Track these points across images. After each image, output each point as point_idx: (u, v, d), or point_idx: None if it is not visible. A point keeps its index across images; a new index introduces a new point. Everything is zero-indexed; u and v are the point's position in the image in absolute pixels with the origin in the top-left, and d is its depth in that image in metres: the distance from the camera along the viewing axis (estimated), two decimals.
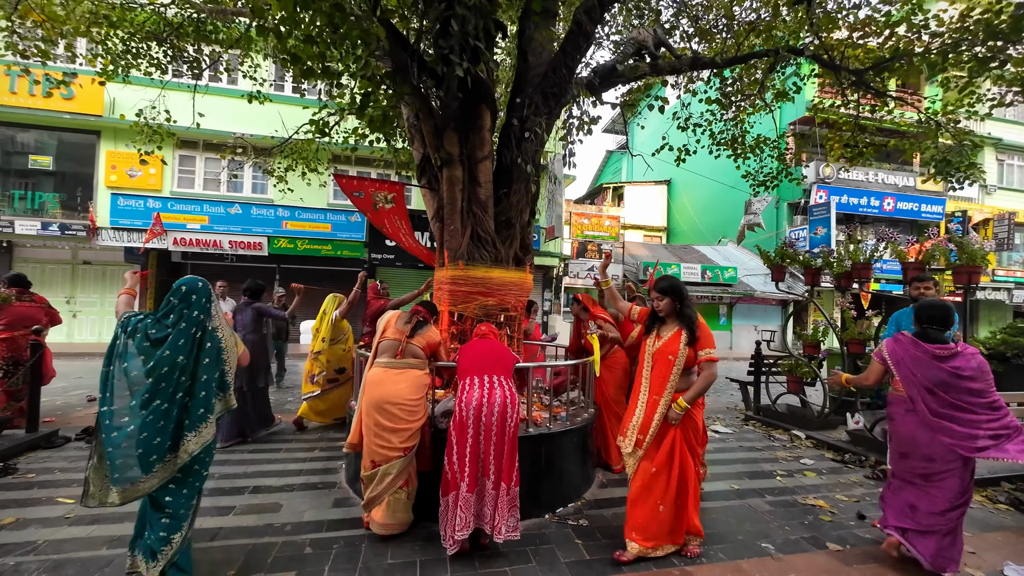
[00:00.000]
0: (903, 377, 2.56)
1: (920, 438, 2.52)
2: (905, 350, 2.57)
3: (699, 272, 14.93)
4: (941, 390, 2.44)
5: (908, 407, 2.56)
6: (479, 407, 2.56)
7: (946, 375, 2.43)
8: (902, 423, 2.61)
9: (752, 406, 5.98)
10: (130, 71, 6.55)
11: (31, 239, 11.13)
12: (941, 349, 2.48)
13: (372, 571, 2.39)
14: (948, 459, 2.44)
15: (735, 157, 7.56)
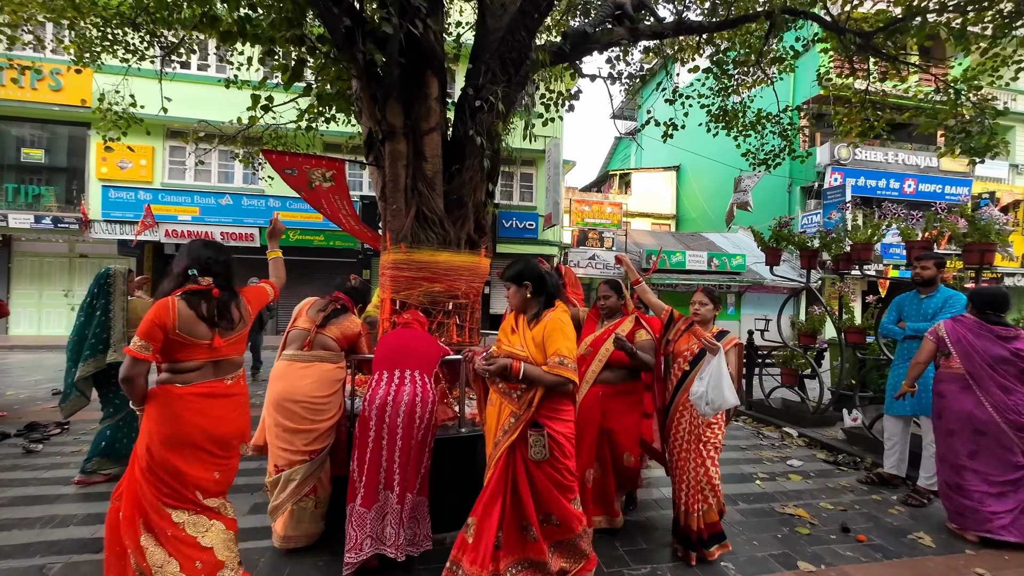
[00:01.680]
0: (963, 354, 2.75)
1: (977, 415, 2.71)
2: (968, 329, 2.78)
3: (705, 260, 14.34)
4: (1000, 368, 2.67)
5: (964, 384, 2.75)
6: (383, 405, 2.23)
7: (1008, 354, 2.66)
8: (956, 400, 2.77)
9: (743, 400, 5.55)
10: (101, 58, 6.29)
11: (26, 232, 11.17)
12: (1004, 330, 2.70)
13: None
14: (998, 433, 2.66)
15: (735, 134, 7.05)
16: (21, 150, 11.41)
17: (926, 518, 2.97)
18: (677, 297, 14.74)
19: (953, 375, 2.79)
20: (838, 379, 4.77)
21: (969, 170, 15.07)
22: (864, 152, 14.62)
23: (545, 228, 13.11)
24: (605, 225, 14.53)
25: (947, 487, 2.84)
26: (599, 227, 14.53)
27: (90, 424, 4.46)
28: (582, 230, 14.38)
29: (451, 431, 2.74)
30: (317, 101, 4.50)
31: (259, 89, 4.21)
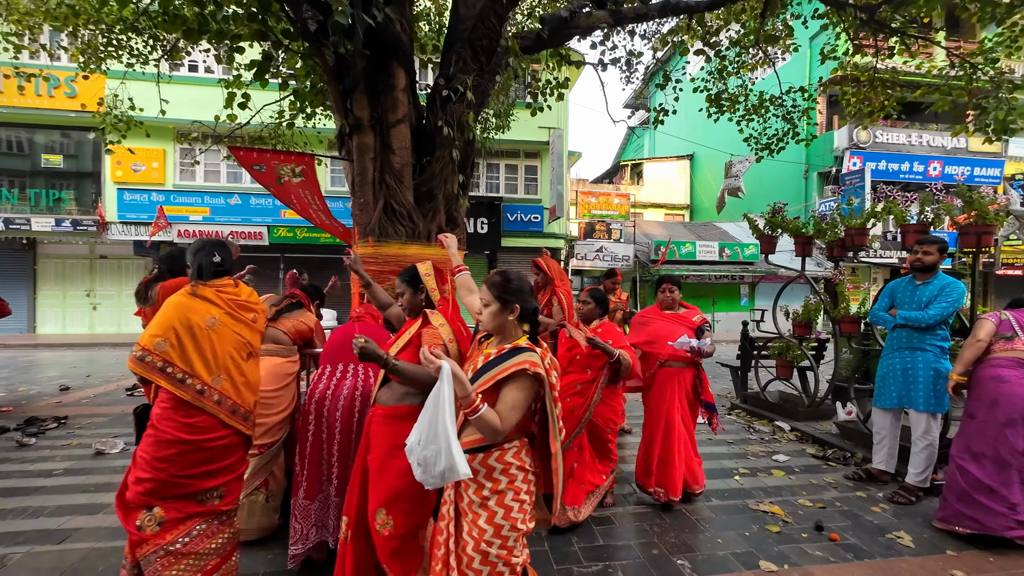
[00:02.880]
0: None
1: None
2: None
3: (716, 250, 13.98)
4: None
5: None
6: (321, 400, 2.21)
7: None
8: (1019, 384, 2.55)
9: (739, 393, 5.38)
10: (108, 63, 6.39)
11: (48, 235, 11.63)
12: None
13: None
14: None
15: (737, 119, 6.80)
16: (42, 156, 11.88)
17: (910, 516, 2.81)
18: (687, 288, 14.44)
19: (1015, 360, 2.59)
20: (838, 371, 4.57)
21: (1001, 150, 14.26)
22: (885, 134, 13.99)
23: (550, 221, 12.99)
24: (613, 217, 14.31)
25: (971, 487, 2.52)
26: (607, 219, 14.31)
27: (88, 418, 4.62)
28: (589, 222, 14.18)
29: None
30: (295, 98, 4.51)
31: (234, 87, 4.23)
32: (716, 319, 14.46)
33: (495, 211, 12.62)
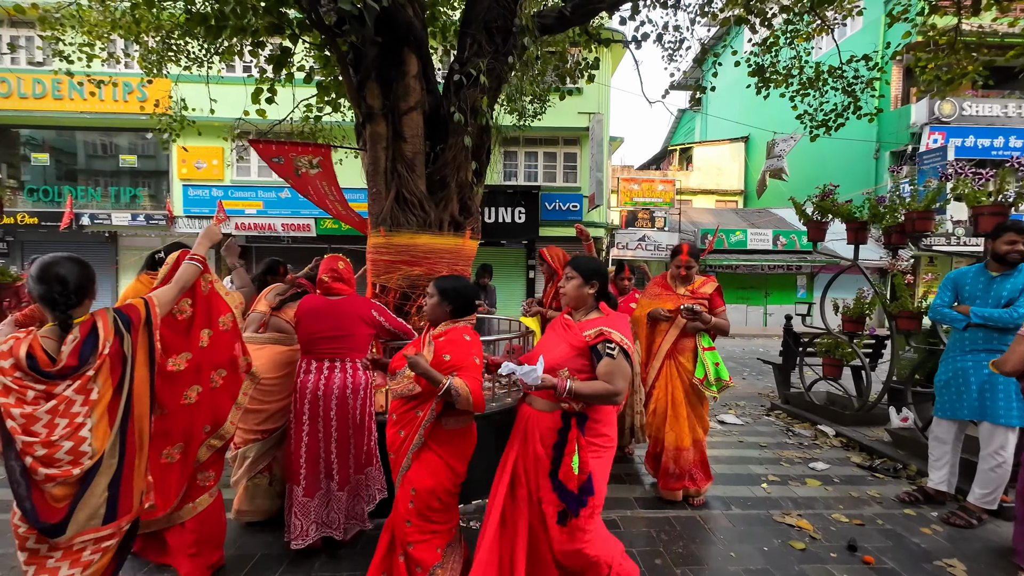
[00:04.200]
0: None
1: None
2: None
3: (770, 238, 13.06)
4: None
5: None
6: (315, 397, 2.23)
7: None
8: None
9: (780, 393, 4.98)
10: (166, 67, 6.79)
11: (126, 229, 12.78)
12: None
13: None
14: None
15: (791, 94, 6.22)
16: (120, 157, 13.03)
17: (967, 542, 2.45)
18: (736, 279, 13.64)
19: None
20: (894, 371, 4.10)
21: None
22: (974, 106, 12.37)
23: (590, 209, 12.64)
24: (656, 204, 13.70)
25: None
26: (650, 206, 13.74)
27: None
28: (631, 210, 13.68)
29: None
30: (318, 90, 4.59)
31: (260, 83, 4.36)
32: (769, 312, 13.56)
33: (533, 200, 12.42)
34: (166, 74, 6.88)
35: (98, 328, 1.50)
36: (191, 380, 1.96)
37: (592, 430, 1.68)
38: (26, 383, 1.38)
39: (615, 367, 1.61)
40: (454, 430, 1.84)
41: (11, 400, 1.36)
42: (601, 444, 1.71)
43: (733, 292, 13.69)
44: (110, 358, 1.50)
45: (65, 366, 1.41)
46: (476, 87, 3.64)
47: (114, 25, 6.35)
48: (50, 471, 1.37)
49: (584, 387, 1.62)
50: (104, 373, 1.49)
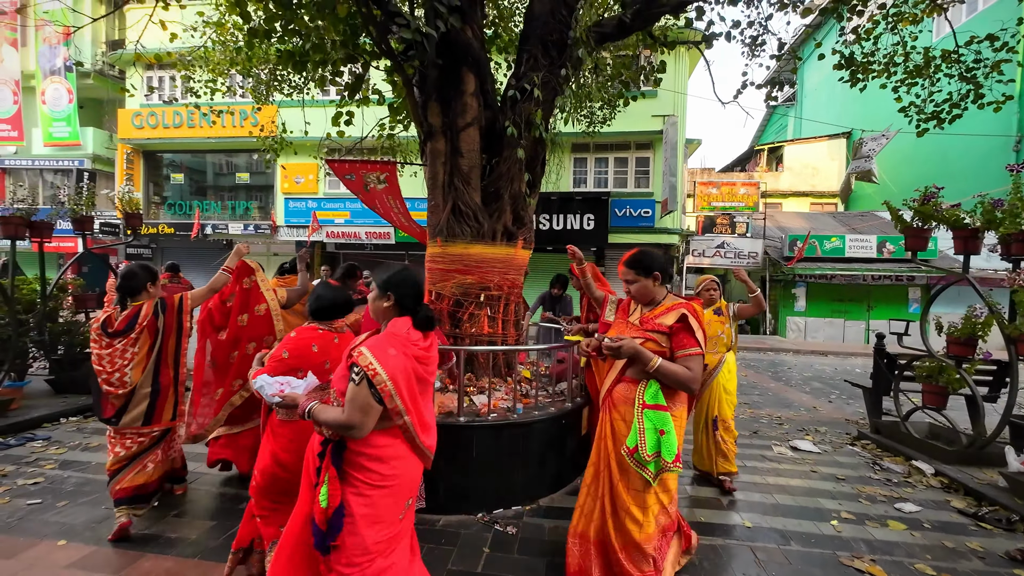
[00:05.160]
0: None
1: None
2: None
3: (874, 245, 11.62)
4: None
5: None
6: None
7: None
8: None
9: (870, 422, 4.42)
10: (272, 95, 7.75)
11: (239, 237, 14.61)
12: None
13: None
14: None
15: (895, 83, 5.56)
16: (235, 174, 14.97)
17: None
18: (832, 290, 12.31)
19: None
20: (1014, 404, 3.48)
21: None
22: None
23: (662, 215, 12.15)
24: (738, 208, 12.82)
25: None
26: (730, 211, 12.88)
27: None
28: (708, 216, 12.93)
29: (450, 419, 2.82)
30: (389, 111, 4.96)
31: (340, 107, 4.82)
32: (872, 328, 12.03)
33: (602, 206, 12.23)
34: (272, 101, 7.81)
35: (141, 309, 2.51)
36: (232, 348, 2.95)
37: (354, 463, 1.43)
38: (100, 336, 2.47)
39: (353, 394, 1.39)
40: (283, 422, 1.91)
41: (95, 347, 2.47)
42: (367, 481, 1.43)
43: (827, 305, 12.36)
44: (147, 329, 2.50)
45: (116, 329, 2.48)
46: (530, 101, 3.73)
47: (232, 62, 7.35)
48: (107, 388, 2.45)
49: (321, 412, 1.44)
50: (143, 338, 2.50)
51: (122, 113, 14.22)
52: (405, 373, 1.44)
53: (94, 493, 2.90)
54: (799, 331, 12.37)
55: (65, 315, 5.22)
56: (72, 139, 14.71)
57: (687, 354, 1.86)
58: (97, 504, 2.76)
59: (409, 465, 1.51)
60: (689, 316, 1.88)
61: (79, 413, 4.38)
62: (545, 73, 3.77)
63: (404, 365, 1.44)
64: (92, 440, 3.78)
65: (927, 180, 4.07)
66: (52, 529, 2.49)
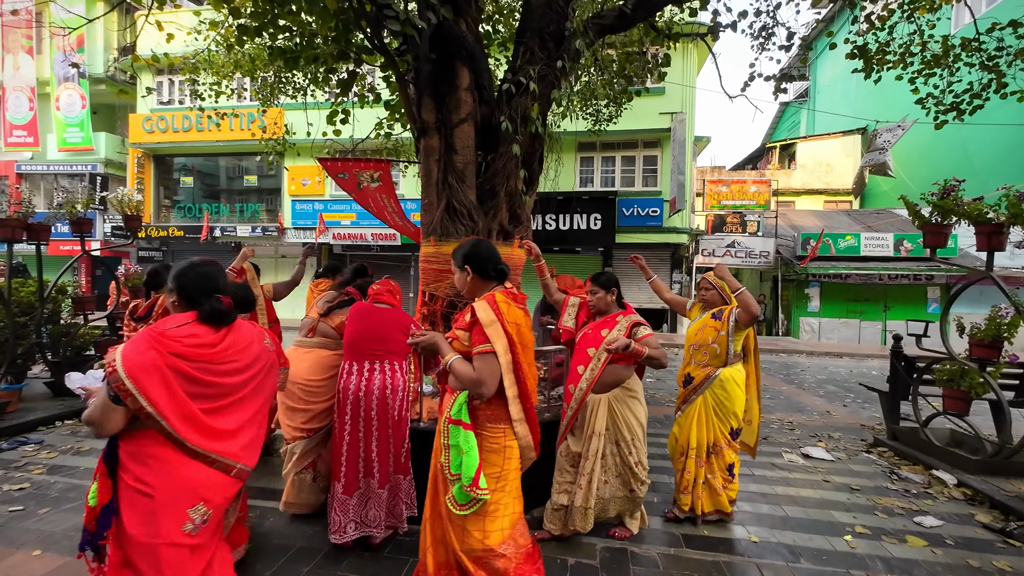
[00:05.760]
0: None
1: None
2: None
3: (890, 243, 11.28)
4: None
5: None
6: (356, 398, 2.34)
7: None
8: None
9: (887, 427, 4.21)
10: (277, 98, 7.72)
11: (247, 240, 14.71)
12: None
13: (260, 544, 2.40)
14: None
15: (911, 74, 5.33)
16: (243, 177, 15.08)
17: None
18: (847, 290, 11.98)
19: None
20: None
21: None
22: None
23: (671, 214, 11.94)
24: (748, 207, 12.55)
25: None
26: (741, 209, 12.62)
27: None
28: (718, 214, 12.68)
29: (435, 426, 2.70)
30: (386, 109, 4.87)
31: (337, 105, 4.74)
32: (889, 329, 11.67)
33: (609, 206, 12.06)
34: (275, 104, 7.80)
35: (158, 301, 2.93)
36: None
37: (121, 462, 1.36)
38: (129, 321, 3.23)
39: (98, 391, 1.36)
40: None
41: (126, 331, 3.31)
42: (128, 481, 1.34)
43: (842, 305, 12.02)
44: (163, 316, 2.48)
45: (139, 315, 3.04)
46: (526, 95, 3.61)
47: (236, 65, 7.33)
48: None
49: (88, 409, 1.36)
50: None
51: (133, 118, 14.42)
52: (158, 371, 1.32)
53: (78, 500, 2.84)
54: (813, 332, 12.06)
55: (65, 317, 5.22)
56: (85, 144, 14.94)
57: (477, 351, 1.64)
58: (79, 511, 2.69)
59: (182, 470, 1.37)
60: (480, 310, 1.65)
61: (76, 416, 4.35)
62: (542, 66, 3.65)
63: (155, 363, 1.32)
64: (84, 444, 3.74)
65: (946, 175, 3.86)
66: (31, 537, 2.42)
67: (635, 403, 2.44)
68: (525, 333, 1.71)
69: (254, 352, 1.58)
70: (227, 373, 1.48)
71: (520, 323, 1.70)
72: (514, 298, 1.72)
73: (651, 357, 2.31)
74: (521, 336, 1.68)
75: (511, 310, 1.67)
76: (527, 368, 1.70)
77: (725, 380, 2.65)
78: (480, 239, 1.83)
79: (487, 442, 1.68)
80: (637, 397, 2.47)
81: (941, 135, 12.12)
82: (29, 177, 15.66)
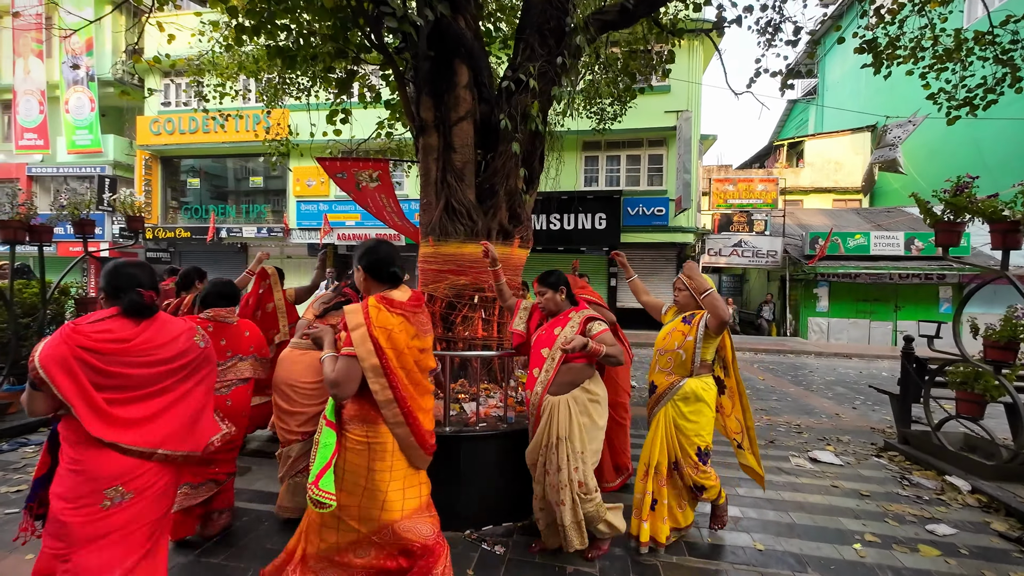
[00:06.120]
0: None
1: None
2: None
3: (901, 242, 11.08)
4: None
5: None
6: None
7: None
8: None
9: (899, 431, 4.10)
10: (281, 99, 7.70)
11: (253, 240, 14.78)
12: None
13: (250, 548, 2.37)
14: None
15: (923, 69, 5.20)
16: (248, 178, 15.15)
17: None
18: (856, 290, 11.79)
19: None
20: None
21: None
22: None
23: (677, 213, 11.82)
24: (755, 206, 12.40)
25: None
26: (747, 208, 12.47)
27: None
28: (725, 213, 12.54)
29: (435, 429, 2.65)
30: (386, 108, 4.84)
31: (336, 105, 4.72)
32: (899, 329, 11.48)
33: (614, 205, 11.96)
34: (280, 105, 7.79)
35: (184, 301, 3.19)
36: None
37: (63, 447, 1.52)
38: None
39: None
40: None
41: None
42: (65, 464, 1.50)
43: (851, 305, 11.84)
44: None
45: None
46: (526, 92, 3.55)
47: (240, 67, 7.33)
48: None
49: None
50: None
51: (140, 120, 14.53)
52: (61, 362, 1.43)
53: None
54: (821, 332, 11.88)
55: (68, 319, 5.24)
56: (94, 146, 15.08)
57: (342, 353, 1.66)
58: None
59: (99, 455, 1.49)
60: (349, 313, 1.68)
61: None
62: (542, 63, 3.59)
63: (63, 355, 1.44)
64: None
65: (959, 172, 3.75)
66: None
67: (598, 407, 2.28)
68: (398, 338, 1.67)
69: (180, 346, 1.67)
70: (143, 365, 1.57)
71: (392, 328, 1.66)
72: (390, 304, 1.69)
73: (608, 355, 2.19)
74: (393, 341, 1.66)
75: (381, 315, 1.66)
76: (405, 373, 1.69)
77: (688, 393, 2.36)
78: (382, 240, 1.84)
79: (349, 442, 1.70)
80: (599, 401, 2.30)
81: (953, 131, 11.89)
82: (39, 179, 15.84)
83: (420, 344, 1.76)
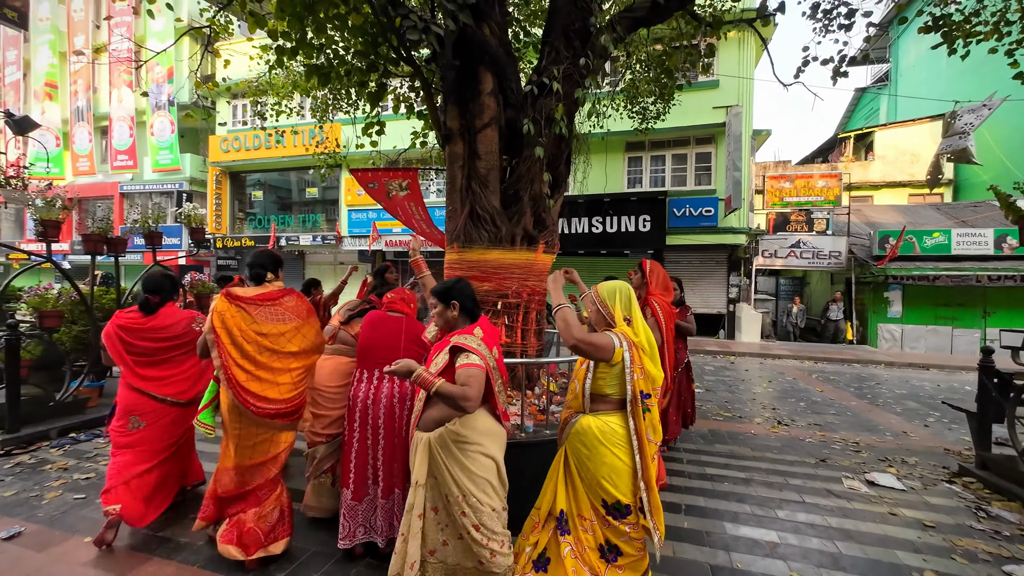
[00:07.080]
0: None
1: None
2: None
3: (990, 240, 9.89)
4: None
5: None
6: (364, 406, 2.36)
7: None
8: None
9: (977, 454, 3.63)
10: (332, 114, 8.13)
11: (308, 248, 15.68)
12: None
13: None
14: None
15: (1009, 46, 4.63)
16: (305, 190, 16.09)
17: None
18: (935, 293, 10.66)
19: None
20: None
21: None
22: None
23: (726, 213, 11.24)
24: (815, 203, 11.55)
25: None
26: (807, 206, 11.64)
27: None
28: (780, 212, 11.77)
29: None
30: (418, 118, 4.96)
31: (372, 118, 4.89)
32: (989, 338, 10.22)
33: (659, 206, 11.57)
34: (331, 119, 8.22)
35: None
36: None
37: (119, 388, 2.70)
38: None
39: None
40: None
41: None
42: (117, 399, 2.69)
43: (929, 310, 10.70)
44: None
45: None
46: (550, 96, 3.51)
47: (295, 85, 7.80)
48: None
49: None
50: None
51: (212, 139, 15.86)
52: (108, 335, 2.59)
53: None
54: (894, 340, 10.83)
55: None
56: (174, 164, 16.61)
57: None
58: None
59: (128, 394, 2.63)
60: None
61: None
62: (567, 65, 3.54)
63: (109, 330, 2.60)
64: None
65: None
66: (86, 525, 2.66)
67: (467, 451, 1.85)
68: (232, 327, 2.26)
69: (179, 330, 2.73)
70: (152, 340, 2.66)
71: (225, 315, 2.26)
72: (230, 297, 2.30)
73: (442, 393, 1.74)
74: (227, 326, 2.25)
75: (221, 302, 2.29)
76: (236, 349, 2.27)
77: (584, 432, 1.92)
78: (265, 248, 2.43)
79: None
80: (469, 441, 1.86)
81: None
82: (128, 196, 17.68)
83: (259, 328, 2.30)
